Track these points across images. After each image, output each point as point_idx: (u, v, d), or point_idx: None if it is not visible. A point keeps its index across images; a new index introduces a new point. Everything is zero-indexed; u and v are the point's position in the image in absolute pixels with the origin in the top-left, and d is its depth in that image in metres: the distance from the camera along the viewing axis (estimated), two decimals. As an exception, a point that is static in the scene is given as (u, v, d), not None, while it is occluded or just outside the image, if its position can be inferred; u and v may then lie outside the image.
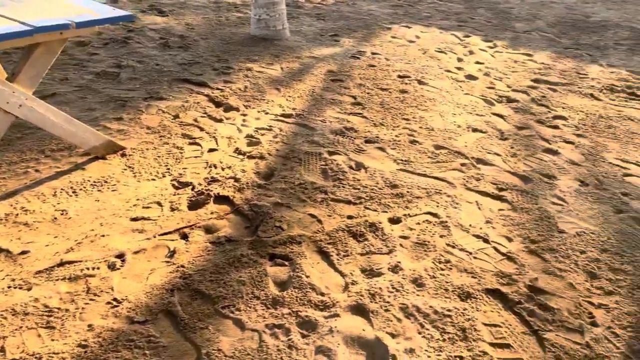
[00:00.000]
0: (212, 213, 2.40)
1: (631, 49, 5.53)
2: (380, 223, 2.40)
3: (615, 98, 4.18)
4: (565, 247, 2.31)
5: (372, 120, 3.51)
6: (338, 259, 2.16)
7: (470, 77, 4.49)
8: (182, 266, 2.06)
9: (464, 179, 2.83)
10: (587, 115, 3.81)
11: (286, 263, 2.11)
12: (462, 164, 2.99)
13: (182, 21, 5.52)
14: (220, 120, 3.36)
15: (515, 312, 1.94)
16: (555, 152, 3.21)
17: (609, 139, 3.45)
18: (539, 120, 3.68)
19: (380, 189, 2.69)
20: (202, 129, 3.21)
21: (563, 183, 2.86)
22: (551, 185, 2.83)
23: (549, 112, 3.84)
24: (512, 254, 2.25)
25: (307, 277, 2.04)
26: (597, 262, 2.23)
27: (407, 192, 2.68)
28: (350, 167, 2.89)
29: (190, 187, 2.59)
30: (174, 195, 2.52)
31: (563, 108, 3.92)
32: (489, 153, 3.15)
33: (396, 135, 3.30)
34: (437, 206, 2.57)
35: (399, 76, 4.38)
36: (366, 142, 3.21)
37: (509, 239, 2.35)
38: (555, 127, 3.59)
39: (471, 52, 5.18)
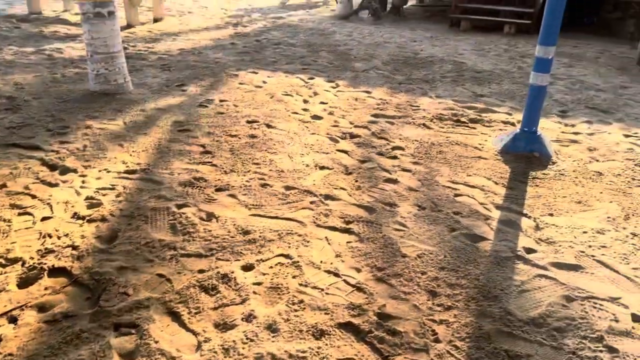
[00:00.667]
0: (46, 289, 2.19)
1: (454, 81, 6.19)
2: (232, 273, 2.37)
3: (444, 126, 4.63)
4: (408, 271, 2.47)
5: (223, 168, 3.50)
6: (189, 318, 2.08)
7: (316, 117, 4.70)
8: (11, 354, 1.84)
9: (314, 217, 2.92)
10: (421, 143, 4.17)
11: (133, 331, 1.99)
12: (312, 202, 3.09)
13: (9, 81, 5.10)
14: (55, 185, 3.12)
15: (366, 341, 2.01)
16: (395, 181, 3.45)
17: (440, 163, 3.79)
18: (379, 153, 3.94)
19: (232, 237, 2.67)
20: (34, 197, 2.96)
21: (403, 209, 3.07)
22: (393, 213, 3.02)
23: (388, 143, 4.14)
24: (361, 285, 2.34)
25: (156, 342, 1.93)
26: (436, 280, 2.41)
27: (260, 236, 2.69)
28: (201, 219, 2.83)
29: (20, 262, 2.35)
30: (0, 275, 2.27)
31: (400, 139, 4.25)
32: (335, 188, 3.29)
33: (247, 181, 3.32)
34: (289, 247, 2.61)
35: (248, 121, 4.44)
36: (217, 190, 3.18)
37: (358, 270, 2.45)
38: (395, 157, 3.87)
39: (316, 93, 5.44)
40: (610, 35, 9.91)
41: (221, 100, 4.99)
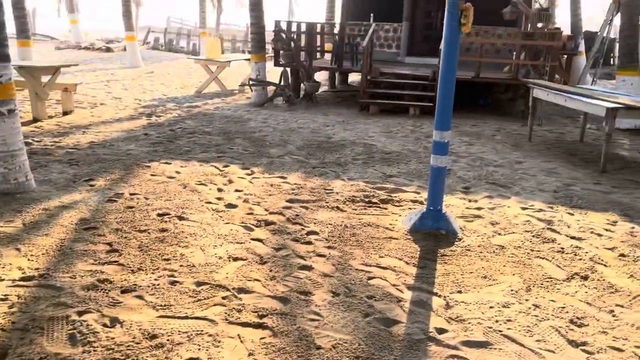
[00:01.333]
0: None
1: (365, 162, 6.45)
2: (136, 384, 2.21)
3: (357, 207, 4.76)
4: (323, 363, 2.42)
5: (130, 267, 3.35)
6: None
7: (231, 205, 4.69)
8: None
9: (226, 313, 2.83)
10: (335, 227, 4.24)
11: None
12: (224, 297, 3.00)
13: None
14: (-63, 300, 2.83)
15: None
16: (309, 268, 3.45)
17: (353, 246, 3.86)
18: (294, 239, 3.96)
19: (137, 343, 2.51)
20: None
21: (318, 297, 3.05)
22: (307, 302, 2.99)
23: (303, 229, 4.17)
24: (274, 384, 2.26)
25: None
26: (351, 371, 2.37)
27: (167, 340, 2.55)
28: (104, 325, 2.66)
29: None
30: None
31: (315, 223, 4.30)
32: (249, 280, 3.23)
33: (155, 279, 3.19)
34: (199, 349, 2.49)
35: (159, 214, 4.34)
36: (122, 292, 3.02)
37: (271, 368, 2.37)
38: (309, 242, 3.90)
39: (230, 181, 5.45)
40: (504, 114, 10.86)
41: (131, 194, 4.87)
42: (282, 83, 11.24)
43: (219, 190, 5.15)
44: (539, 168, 6.41)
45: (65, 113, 8.77)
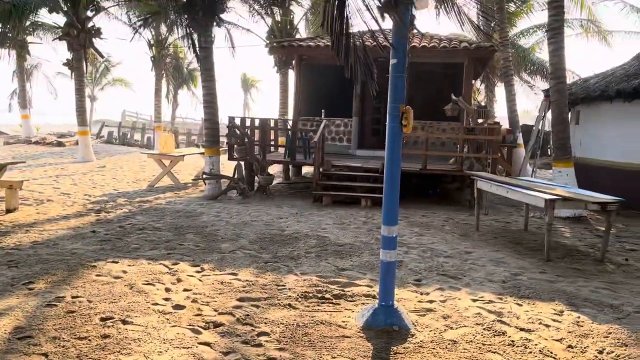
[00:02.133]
0: None
1: (318, 256, 6.44)
2: None
3: (309, 304, 4.69)
4: None
5: (65, 380, 3.12)
6: None
7: (178, 306, 4.53)
8: None
9: None
10: (287, 326, 4.13)
11: None
12: (167, 411, 2.82)
13: None
14: None
15: None
16: (259, 373, 3.32)
17: (305, 347, 3.75)
18: (244, 341, 3.82)
19: None
20: None
21: (267, 406, 2.91)
22: (256, 412, 2.84)
23: (253, 330, 4.05)
24: None
25: None
26: None
27: None
28: None
29: None
30: None
31: (265, 323, 4.19)
32: (195, 390, 3.07)
33: (93, 393, 2.98)
34: None
35: (102, 319, 4.13)
36: (55, 410, 2.79)
37: None
38: (259, 344, 3.77)
39: (179, 280, 5.30)
40: (453, 203, 11.23)
41: (73, 297, 4.64)
42: (236, 176, 11.35)
43: (167, 290, 4.98)
44: (487, 258, 6.57)
45: (8, 211, 8.48)
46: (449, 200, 11.71)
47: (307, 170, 15.96)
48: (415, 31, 4.82)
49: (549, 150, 20.73)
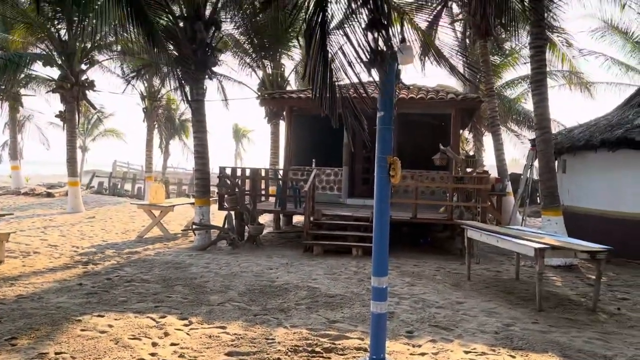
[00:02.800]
0: None
1: (309, 307, 6.35)
2: None
3: (300, 359, 4.59)
4: None
5: None
6: None
7: (165, 362, 4.41)
8: None
9: None
10: (276, 382, 4.03)
11: None
12: None
13: None
14: None
15: None
16: None
17: (295, 404, 3.65)
18: (232, 398, 3.71)
19: None
20: None
21: None
22: None
23: (242, 386, 3.94)
24: None
25: None
26: None
27: None
28: None
29: None
30: None
31: (254, 379, 4.08)
32: None
33: None
34: None
35: (85, 376, 4.01)
36: None
37: None
38: (248, 402, 3.66)
39: (167, 334, 5.19)
40: (444, 252, 11.21)
41: (57, 353, 4.52)
42: (226, 226, 11.30)
43: (154, 344, 4.87)
44: (479, 308, 6.50)
45: (-6, 263, 8.34)
46: (440, 249, 11.68)
47: (297, 219, 15.93)
48: (401, 84, 4.96)
49: (537, 198, 20.92)
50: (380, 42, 3.71)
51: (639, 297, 7.41)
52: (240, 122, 57.38)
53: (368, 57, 3.73)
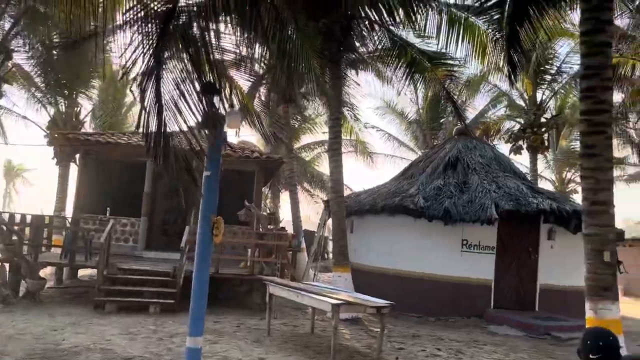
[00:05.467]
0: None
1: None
2: None
3: None
4: None
5: None
6: None
7: None
8: None
9: None
10: None
11: None
12: None
13: None
14: None
15: None
16: None
17: None
18: None
19: None
20: None
21: None
22: None
23: None
24: None
25: None
26: None
27: None
28: None
29: None
30: None
31: None
32: None
33: None
34: None
35: None
36: None
37: None
38: None
39: None
40: (243, 307, 11.33)
41: None
42: (-3, 281, 9.78)
43: None
44: (280, 363, 6.74)
45: None
46: (239, 304, 11.78)
47: (84, 272, 14.52)
48: (228, 147, 5.15)
49: (325, 254, 22.63)
50: (215, 105, 3.87)
51: (412, 346, 8.49)
52: (16, 159, 50.44)
53: (202, 118, 3.85)
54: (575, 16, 9.92)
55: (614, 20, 13.77)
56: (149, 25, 4.45)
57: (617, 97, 16.71)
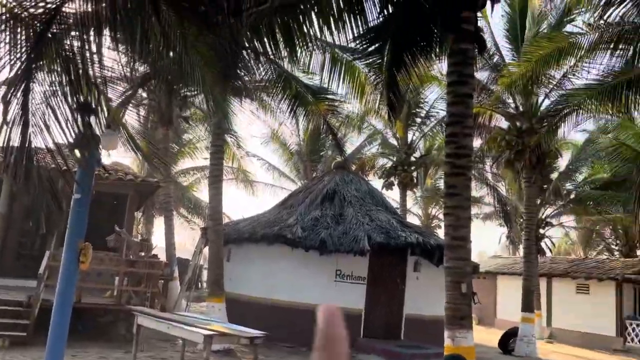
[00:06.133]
0: None
1: None
2: None
3: None
4: None
5: None
6: None
7: None
8: None
9: None
10: None
11: None
12: None
13: None
14: None
15: None
16: None
17: None
18: None
19: None
20: None
21: None
22: None
23: None
24: None
25: None
26: None
27: None
28: None
29: None
30: None
31: None
32: None
33: None
34: None
35: None
36: None
37: None
38: None
39: None
40: (106, 339, 10.56)
41: None
42: None
43: None
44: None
45: None
46: (102, 335, 10.96)
47: None
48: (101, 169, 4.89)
49: (200, 283, 21.98)
50: (91, 125, 3.68)
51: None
52: None
53: (76, 138, 3.64)
54: (444, 66, 10.89)
55: (476, 73, 15.53)
56: (21, 30, 4.13)
57: (477, 142, 18.63)
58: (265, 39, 9.78)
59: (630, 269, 20.54)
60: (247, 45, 10.85)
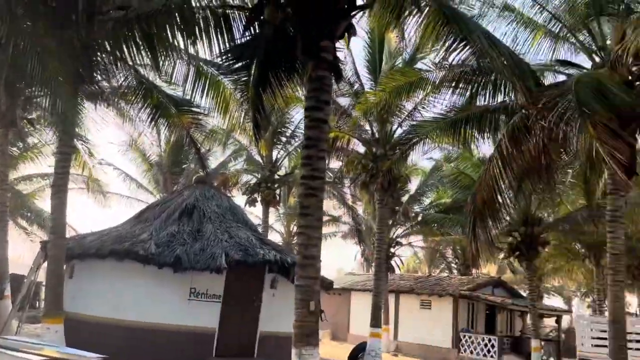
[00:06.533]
0: None
1: None
2: None
3: None
4: None
5: None
6: None
7: None
8: None
9: None
10: None
11: None
12: None
13: None
14: None
15: None
16: None
17: None
18: None
19: None
20: None
21: None
22: None
23: None
24: None
25: None
26: None
27: None
28: None
29: None
30: None
31: None
32: None
33: None
34: None
35: None
36: None
37: None
38: None
39: None
40: None
41: None
42: None
43: None
44: None
45: None
46: None
47: None
48: None
49: (37, 302, 19.98)
50: None
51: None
52: None
53: None
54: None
55: (338, 98, 16.27)
56: None
57: (337, 164, 19.46)
58: (124, 45, 9.35)
59: (465, 286, 22.79)
60: (107, 48, 10.26)
